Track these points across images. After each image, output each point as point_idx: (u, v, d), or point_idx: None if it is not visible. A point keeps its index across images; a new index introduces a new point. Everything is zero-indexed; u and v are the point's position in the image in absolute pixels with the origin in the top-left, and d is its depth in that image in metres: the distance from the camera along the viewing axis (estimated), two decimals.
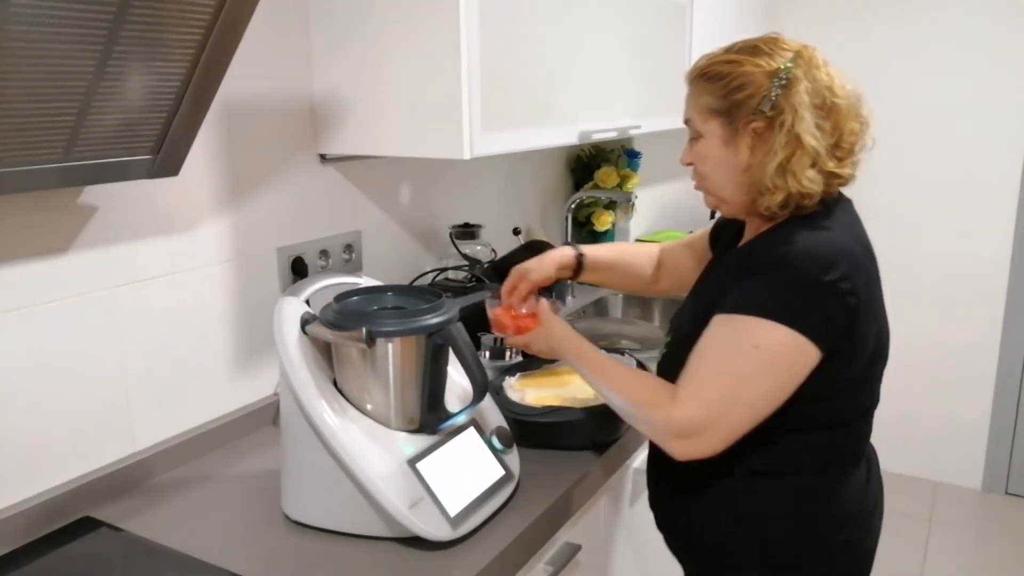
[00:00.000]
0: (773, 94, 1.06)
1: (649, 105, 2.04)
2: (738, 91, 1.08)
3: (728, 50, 1.13)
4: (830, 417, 1.12)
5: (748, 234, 1.20)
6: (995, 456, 3.22)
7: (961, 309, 3.17)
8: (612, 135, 1.87)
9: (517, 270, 1.40)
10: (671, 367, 1.17)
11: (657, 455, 1.28)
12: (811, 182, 1.06)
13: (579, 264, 1.46)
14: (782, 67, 1.07)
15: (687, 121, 1.17)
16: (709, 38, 2.35)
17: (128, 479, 1.26)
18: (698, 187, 1.21)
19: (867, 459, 1.22)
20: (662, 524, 1.32)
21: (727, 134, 1.11)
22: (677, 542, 1.31)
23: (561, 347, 1.25)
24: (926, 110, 3.11)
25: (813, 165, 1.06)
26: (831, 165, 1.08)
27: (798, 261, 1.03)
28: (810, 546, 1.16)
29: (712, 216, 2.76)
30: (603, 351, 1.24)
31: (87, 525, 1.16)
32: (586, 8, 1.67)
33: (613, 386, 1.16)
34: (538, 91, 1.56)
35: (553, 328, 1.27)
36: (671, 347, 1.23)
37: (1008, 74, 2.95)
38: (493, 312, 1.37)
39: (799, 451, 1.11)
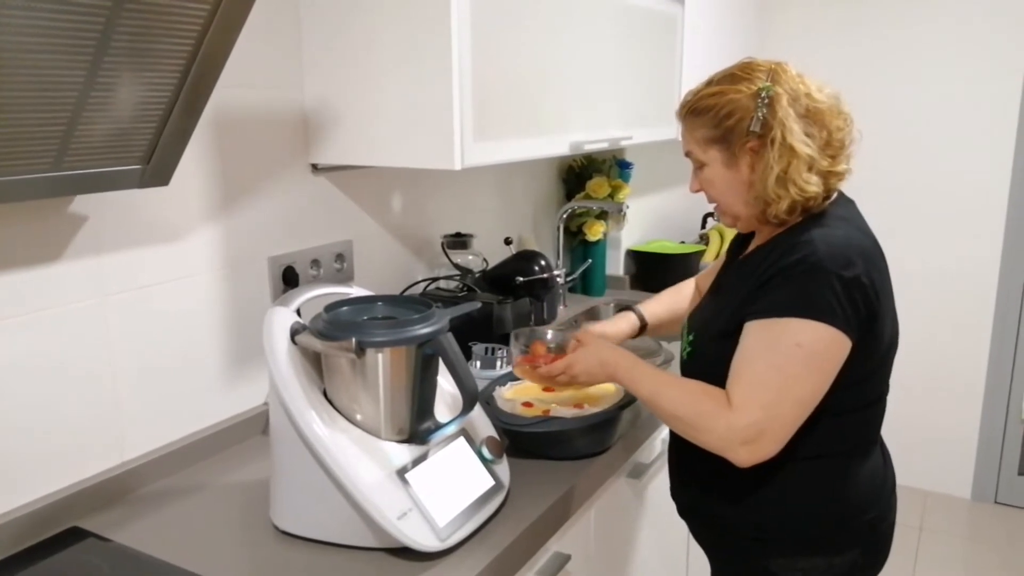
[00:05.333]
0: (760, 114, 1.14)
1: (641, 116, 2.05)
2: (728, 118, 1.16)
3: (709, 83, 1.22)
4: (855, 402, 1.18)
5: (760, 239, 1.26)
6: (984, 465, 3.23)
7: (950, 317, 3.18)
8: (604, 146, 1.88)
9: (589, 330, 1.47)
10: (698, 364, 1.24)
11: (680, 444, 1.30)
12: (811, 185, 1.14)
13: (642, 328, 1.57)
14: (761, 87, 1.15)
15: (688, 154, 1.25)
16: (700, 49, 2.36)
17: (116, 489, 1.26)
18: (715, 209, 1.30)
19: (879, 442, 1.29)
20: (688, 513, 1.36)
21: (726, 158, 1.19)
22: (705, 530, 1.34)
23: (614, 366, 1.27)
24: (915, 114, 3.12)
25: (810, 169, 1.14)
26: (826, 165, 1.15)
27: (821, 261, 1.09)
28: (841, 526, 1.21)
29: (703, 226, 2.79)
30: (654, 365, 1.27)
31: (75, 535, 1.15)
32: (578, 18, 1.68)
33: (670, 400, 1.18)
34: (529, 101, 1.57)
35: (602, 346, 1.32)
36: (696, 344, 1.26)
37: (996, 78, 2.97)
38: (523, 356, 1.43)
39: (827, 435, 1.17)
